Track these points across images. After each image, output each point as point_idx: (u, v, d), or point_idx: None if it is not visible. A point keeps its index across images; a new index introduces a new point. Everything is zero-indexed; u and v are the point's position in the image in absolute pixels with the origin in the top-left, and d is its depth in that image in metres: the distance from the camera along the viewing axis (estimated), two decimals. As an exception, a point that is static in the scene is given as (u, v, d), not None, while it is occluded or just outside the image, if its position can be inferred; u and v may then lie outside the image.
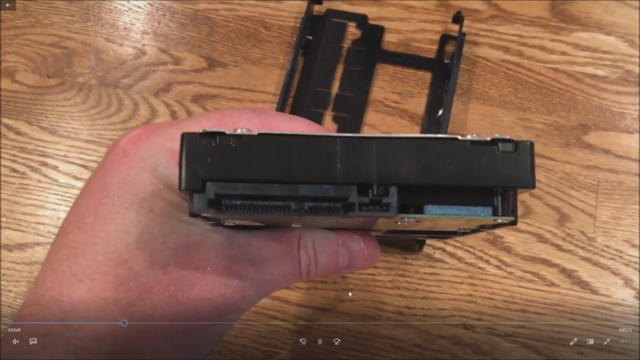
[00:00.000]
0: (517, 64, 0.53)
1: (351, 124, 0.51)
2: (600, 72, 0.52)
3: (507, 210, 0.20)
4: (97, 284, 0.23)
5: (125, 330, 0.23)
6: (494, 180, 0.20)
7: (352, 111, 0.52)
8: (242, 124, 0.24)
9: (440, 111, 0.50)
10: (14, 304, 0.46)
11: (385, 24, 0.54)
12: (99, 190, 0.25)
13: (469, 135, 0.20)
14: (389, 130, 0.51)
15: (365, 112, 0.52)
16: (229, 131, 0.20)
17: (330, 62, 0.53)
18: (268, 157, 0.20)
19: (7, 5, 0.53)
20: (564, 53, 0.53)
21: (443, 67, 0.53)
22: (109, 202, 0.24)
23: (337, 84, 0.53)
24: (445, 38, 0.54)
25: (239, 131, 0.20)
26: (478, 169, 0.20)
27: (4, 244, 0.47)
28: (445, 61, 0.53)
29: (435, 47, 0.54)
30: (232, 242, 0.25)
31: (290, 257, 0.25)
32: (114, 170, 0.24)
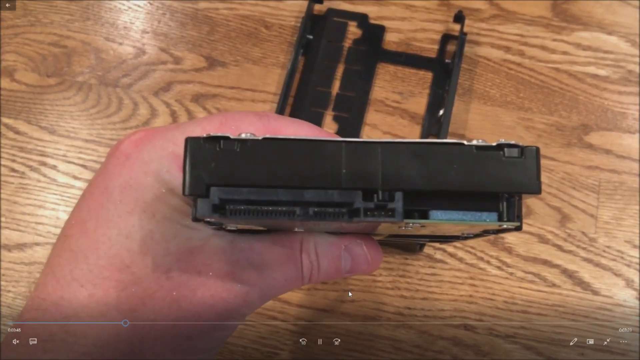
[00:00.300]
0: (519, 64, 0.53)
1: (352, 123, 0.51)
2: (602, 72, 0.52)
3: (512, 216, 0.20)
4: (99, 289, 0.23)
5: (127, 336, 0.23)
6: (500, 185, 0.20)
7: (352, 111, 0.51)
8: (244, 127, 0.24)
9: (441, 111, 0.50)
10: (13, 304, 0.46)
11: (386, 23, 0.54)
12: (100, 193, 0.24)
13: (475, 141, 0.20)
14: (389, 129, 0.51)
15: (365, 111, 0.51)
16: (234, 135, 0.20)
17: (330, 61, 0.53)
18: (273, 162, 0.20)
19: (7, 5, 0.53)
20: (565, 53, 0.53)
21: (444, 67, 0.53)
22: (110, 206, 0.24)
23: (337, 83, 0.52)
24: (446, 37, 0.54)
25: (243, 136, 0.20)
26: (484, 175, 0.20)
27: (3, 244, 0.47)
28: (446, 61, 0.53)
29: (436, 46, 0.53)
30: (235, 246, 0.25)
31: (292, 262, 0.25)
32: (116, 173, 0.24)
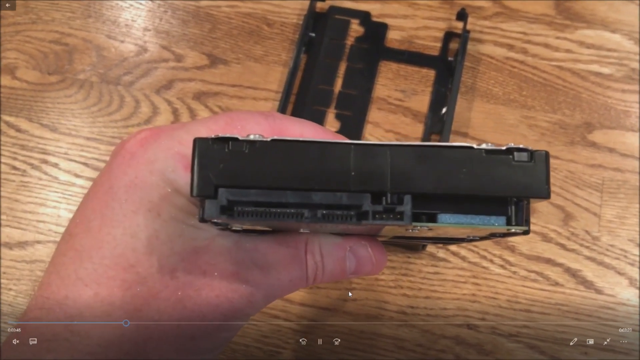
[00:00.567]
0: (522, 62, 0.52)
1: (354, 121, 0.51)
2: (605, 70, 0.52)
3: (520, 220, 0.20)
4: (104, 288, 0.23)
5: (131, 336, 0.23)
6: (509, 190, 0.20)
7: (355, 109, 0.51)
8: (250, 127, 0.24)
9: (444, 109, 0.50)
10: (15, 302, 0.45)
11: (388, 21, 0.54)
12: (105, 192, 0.24)
13: (484, 144, 0.20)
14: (392, 128, 0.51)
15: (368, 110, 0.51)
16: (242, 137, 0.20)
17: (333, 59, 0.53)
18: (281, 164, 0.20)
19: (7, 5, 0.53)
20: (568, 51, 0.53)
21: (447, 65, 0.52)
22: (115, 205, 0.24)
23: (339, 81, 0.52)
24: (449, 35, 0.54)
25: (252, 137, 0.20)
26: (493, 179, 0.20)
27: (5, 242, 0.47)
28: (449, 59, 0.53)
29: (439, 44, 0.53)
30: (240, 246, 0.24)
31: (297, 263, 0.25)
32: (121, 172, 0.24)
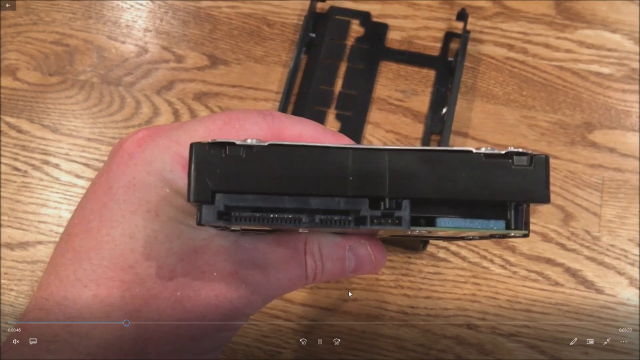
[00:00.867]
0: (522, 62, 0.52)
1: (354, 122, 0.51)
2: (606, 69, 0.52)
3: (520, 224, 0.20)
4: (103, 289, 0.23)
5: (131, 337, 0.23)
6: (509, 194, 0.20)
7: (355, 109, 0.51)
8: (248, 126, 0.24)
9: (444, 109, 0.50)
10: (16, 303, 0.46)
11: (388, 21, 0.54)
12: (103, 193, 0.24)
13: (483, 148, 0.20)
14: (392, 128, 0.51)
15: (368, 110, 0.51)
16: (239, 141, 0.20)
17: (333, 60, 0.53)
18: (279, 169, 0.19)
19: (7, 5, 0.53)
20: (569, 51, 0.53)
21: (447, 65, 0.52)
22: (114, 205, 0.24)
23: (340, 82, 0.52)
24: (449, 35, 0.54)
25: (249, 141, 0.20)
26: (492, 183, 0.20)
27: (6, 243, 0.47)
28: (449, 59, 0.53)
29: (439, 44, 0.53)
30: (238, 246, 0.24)
31: (296, 262, 0.25)
32: (119, 173, 0.24)
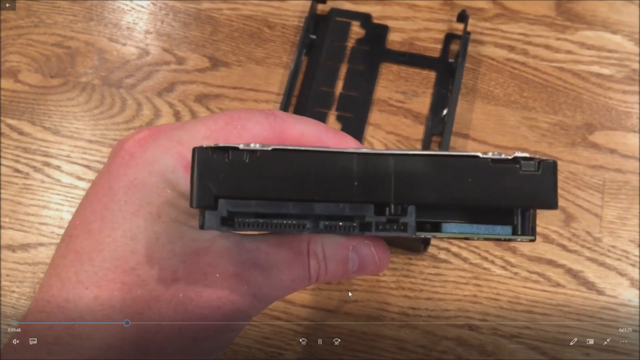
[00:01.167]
0: (522, 63, 0.52)
1: (355, 123, 0.51)
2: (606, 71, 0.52)
3: (527, 229, 0.20)
4: (104, 291, 0.23)
5: (132, 339, 0.23)
6: (516, 201, 0.19)
7: (356, 111, 0.51)
8: (250, 126, 0.24)
9: (445, 111, 0.50)
10: (17, 304, 0.46)
11: (389, 23, 0.54)
12: (104, 194, 0.24)
13: (490, 153, 0.19)
14: (393, 129, 0.51)
15: (369, 111, 0.51)
16: (243, 146, 0.19)
17: (334, 61, 0.53)
18: (282, 174, 0.19)
19: (7, 5, 0.53)
20: (569, 52, 0.53)
21: (447, 66, 0.52)
22: (115, 207, 0.24)
23: (340, 83, 0.52)
24: (449, 37, 0.54)
25: (252, 146, 0.19)
26: (499, 189, 0.19)
27: (7, 245, 0.47)
28: (449, 60, 0.53)
29: (439, 46, 0.53)
30: (241, 247, 0.24)
31: (299, 263, 0.25)
32: (120, 174, 0.24)
